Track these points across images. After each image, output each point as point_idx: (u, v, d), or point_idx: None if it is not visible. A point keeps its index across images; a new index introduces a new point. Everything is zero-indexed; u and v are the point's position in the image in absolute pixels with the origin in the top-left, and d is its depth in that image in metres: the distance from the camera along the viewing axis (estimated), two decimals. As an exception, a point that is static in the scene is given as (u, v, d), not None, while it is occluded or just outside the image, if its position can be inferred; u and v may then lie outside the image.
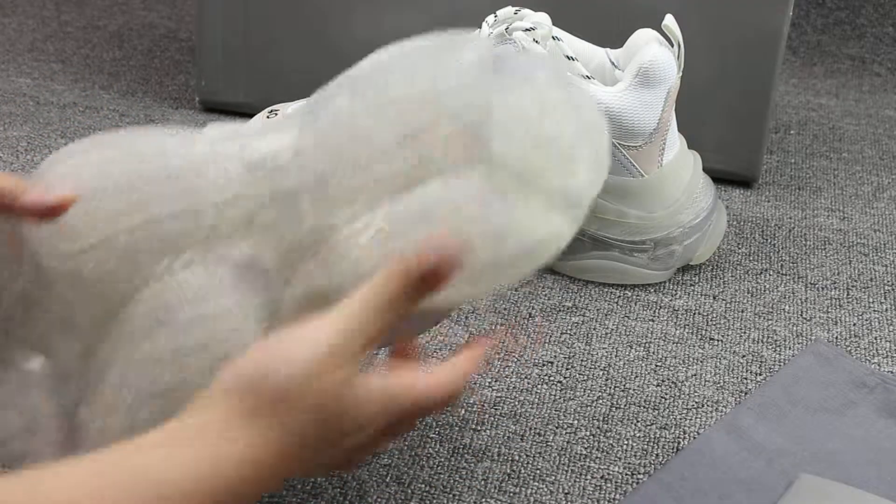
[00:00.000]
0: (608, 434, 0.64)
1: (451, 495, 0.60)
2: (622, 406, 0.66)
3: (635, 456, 0.63)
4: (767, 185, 0.91)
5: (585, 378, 0.69)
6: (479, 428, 0.65)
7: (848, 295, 0.77)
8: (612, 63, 0.77)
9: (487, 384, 0.68)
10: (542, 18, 0.74)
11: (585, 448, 0.63)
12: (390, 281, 0.43)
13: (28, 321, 0.48)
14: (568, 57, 0.75)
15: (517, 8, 0.75)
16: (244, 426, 0.42)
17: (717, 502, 0.59)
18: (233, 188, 0.46)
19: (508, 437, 0.64)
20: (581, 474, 0.61)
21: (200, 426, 0.41)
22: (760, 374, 0.69)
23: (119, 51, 1.13)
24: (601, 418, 0.65)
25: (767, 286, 0.78)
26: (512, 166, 0.45)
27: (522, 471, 0.62)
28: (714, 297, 0.76)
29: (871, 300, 0.77)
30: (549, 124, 0.46)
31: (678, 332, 0.73)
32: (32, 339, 0.48)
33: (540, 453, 0.63)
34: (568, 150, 0.47)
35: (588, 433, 0.64)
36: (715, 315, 0.75)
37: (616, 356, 0.71)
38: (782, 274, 0.79)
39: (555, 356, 0.70)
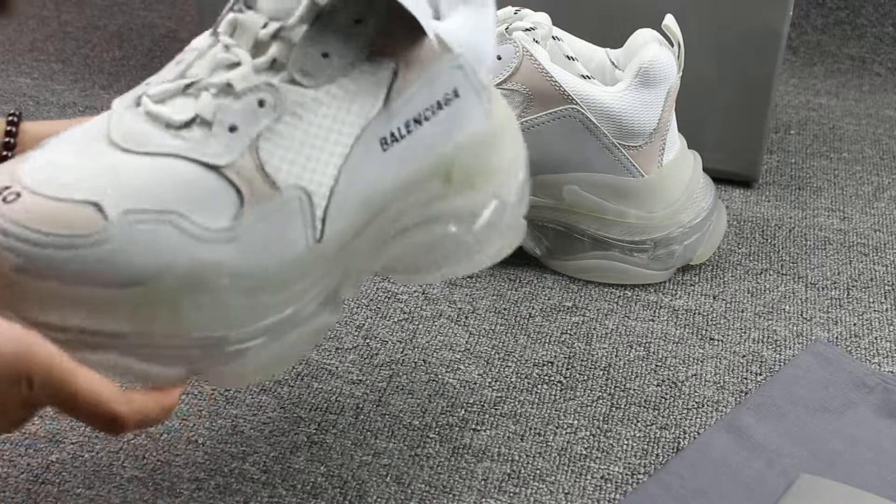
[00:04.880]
0: (608, 434, 0.64)
1: (451, 495, 0.60)
2: (622, 406, 0.66)
3: (635, 456, 0.63)
4: (767, 185, 0.91)
5: (585, 378, 0.69)
6: (479, 428, 0.65)
7: (848, 295, 0.77)
8: (612, 63, 0.77)
9: (487, 384, 0.68)
10: (542, 18, 0.74)
11: (585, 448, 0.63)
12: None
13: None
14: (568, 57, 0.75)
15: (517, 8, 0.75)
16: None
17: (717, 502, 0.59)
18: None
19: (508, 437, 0.64)
20: (581, 474, 0.61)
21: None
22: (760, 374, 0.69)
23: (119, 51, 1.13)
24: (601, 418, 0.65)
25: (767, 286, 0.78)
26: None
27: (522, 471, 0.62)
28: (714, 297, 0.76)
29: (871, 300, 0.77)
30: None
31: (678, 332, 0.73)
32: None
33: (540, 453, 0.63)
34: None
35: (588, 433, 0.64)
36: (715, 315, 0.75)
37: (616, 356, 0.71)
38: (782, 274, 0.79)
39: (555, 356, 0.70)
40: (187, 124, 0.43)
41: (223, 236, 0.42)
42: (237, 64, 0.45)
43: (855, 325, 0.74)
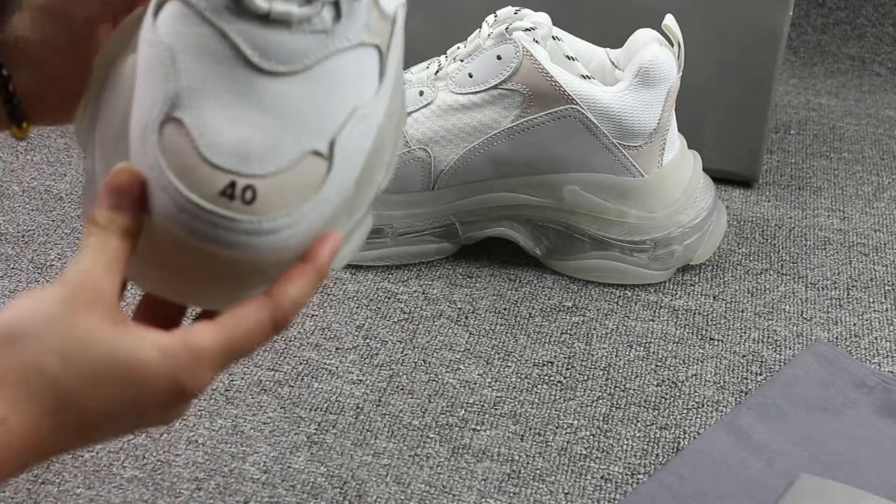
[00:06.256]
0: (608, 434, 0.64)
1: (451, 495, 0.60)
2: (622, 406, 0.66)
3: (635, 456, 0.63)
4: (767, 185, 0.91)
5: (585, 378, 0.69)
6: (479, 428, 0.65)
7: (848, 295, 0.77)
8: (612, 63, 0.77)
9: (487, 384, 0.68)
10: (542, 18, 0.74)
11: (585, 448, 0.63)
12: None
13: None
14: (568, 57, 0.75)
15: (517, 8, 0.75)
16: None
17: (717, 502, 0.59)
18: None
19: (508, 437, 0.64)
20: (581, 474, 0.61)
21: None
22: (760, 374, 0.69)
23: (119, 51, 1.13)
24: (601, 418, 0.65)
25: (767, 286, 0.78)
26: None
27: (522, 471, 0.62)
28: (714, 297, 0.76)
29: (871, 300, 0.77)
30: None
31: (678, 332, 0.73)
32: None
33: (540, 453, 0.63)
34: None
35: (588, 433, 0.64)
36: (715, 315, 0.75)
37: (616, 356, 0.71)
38: (782, 274, 0.79)
39: (555, 356, 0.70)
40: (317, 12, 0.41)
41: (379, 96, 0.43)
42: None
43: (855, 325, 0.74)
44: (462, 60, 0.74)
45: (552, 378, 0.69)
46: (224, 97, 0.40)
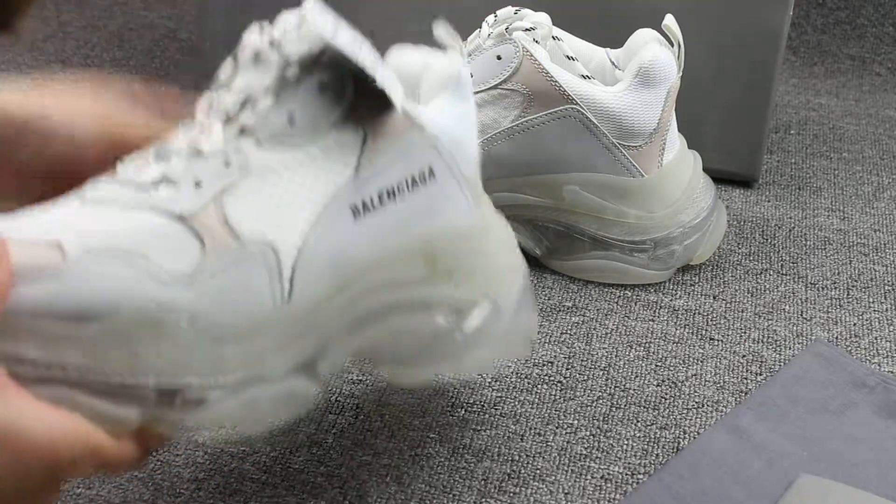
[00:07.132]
0: (608, 434, 0.64)
1: (451, 495, 0.60)
2: (622, 406, 0.66)
3: (635, 456, 0.63)
4: (767, 185, 0.91)
5: (585, 378, 0.69)
6: (479, 428, 0.65)
7: (848, 295, 0.77)
8: (612, 63, 0.77)
9: (487, 384, 0.68)
10: (542, 18, 0.74)
11: (585, 448, 0.63)
12: None
13: None
14: (568, 57, 0.75)
15: (517, 8, 0.75)
16: None
17: (717, 502, 0.59)
18: None
19: (508, 437, 0.64)
20: (581, 474, 0.61)
21: None
22: (760, 374, 0.69)
23: (119, 51, 1.13)
24: (601, 418, 0.65)
25: (767, 286, 0.78)
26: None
27: (522, 471, 0.62)
28: (714, 297, 0.76)
29: (871, 300, 0.77)
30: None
31: (678, 332, 0.73)
32: None
33: (540, 453, 0.63)
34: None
35: (588, 433, 0.64)
36: (715, 315, 0.75)
37: (616, 356, 0.71)
38: (782, 274, 0.79)
39: (555, 356, 0.70)
40: (154, 184, 0.44)
41: (183, 281, 0.43)
42: (209, 134, 0.46)
43: (855, 325, 0.74)
44: (462, 60, 0.74)
45: (552, 378, 0.69)
46: (46, 206, 0.45)
